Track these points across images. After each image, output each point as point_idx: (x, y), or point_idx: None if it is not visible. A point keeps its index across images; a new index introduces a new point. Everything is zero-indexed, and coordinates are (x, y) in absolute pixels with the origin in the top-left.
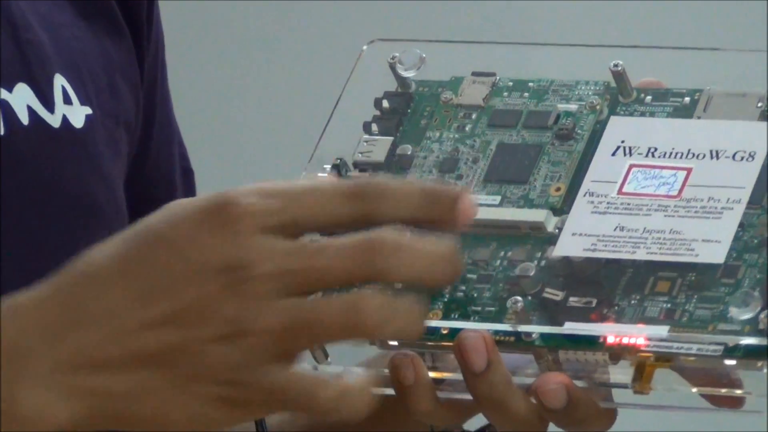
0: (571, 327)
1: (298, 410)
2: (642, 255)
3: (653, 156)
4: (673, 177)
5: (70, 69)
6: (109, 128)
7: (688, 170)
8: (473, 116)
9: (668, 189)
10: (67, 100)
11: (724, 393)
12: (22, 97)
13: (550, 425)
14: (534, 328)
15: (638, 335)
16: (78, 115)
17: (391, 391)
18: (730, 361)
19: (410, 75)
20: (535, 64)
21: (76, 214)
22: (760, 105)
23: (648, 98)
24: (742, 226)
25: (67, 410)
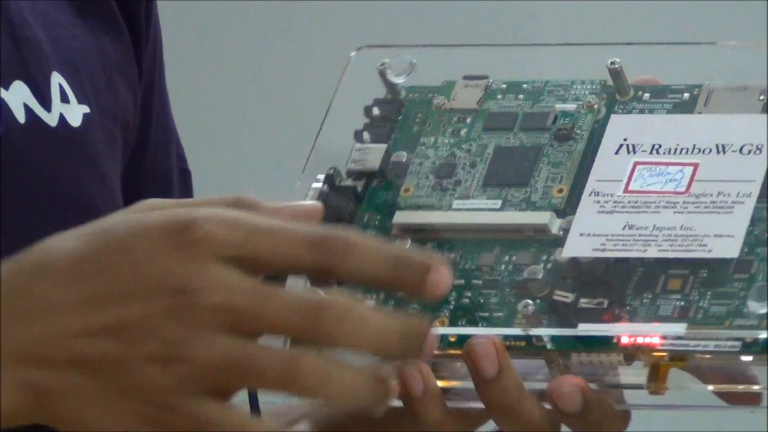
0: (586, 328)
1: None
2: (653, 252)
3: (657, 153)
4: (680, 173)
5: (68, 67)
6: (106, 127)
7: (695, 165)
8: (468, 120)
9: (676, 185)
10: (65, 98)
11: (741, 390)
12: (19, 96)
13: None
14: (547, 330)
15: (654, 334)
16: (75, 113)
17: (399, 403)
18: (747, 357)
19: (400, 81)
20: (529, 65)
21: (73, 213)
22: (762, 98)
23: (646, 95)
24: (751, 220)
25: (2, 400)
